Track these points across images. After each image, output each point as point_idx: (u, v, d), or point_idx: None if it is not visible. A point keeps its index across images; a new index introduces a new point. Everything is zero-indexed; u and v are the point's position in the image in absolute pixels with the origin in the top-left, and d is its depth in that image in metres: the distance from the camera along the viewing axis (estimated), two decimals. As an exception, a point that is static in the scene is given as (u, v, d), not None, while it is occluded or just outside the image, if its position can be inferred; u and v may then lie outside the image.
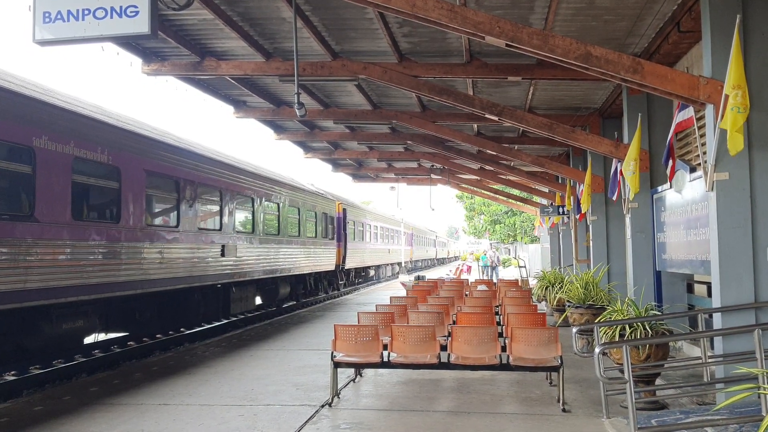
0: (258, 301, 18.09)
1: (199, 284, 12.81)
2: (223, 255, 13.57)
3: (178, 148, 12.17)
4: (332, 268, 24.11)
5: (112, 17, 6.60)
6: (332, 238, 23.85)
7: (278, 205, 17.38)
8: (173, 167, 11.81)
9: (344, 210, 25.80)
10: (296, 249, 18.95)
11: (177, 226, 11.86)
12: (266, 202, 16.45)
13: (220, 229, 13.61)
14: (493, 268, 34.74)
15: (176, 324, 13.81)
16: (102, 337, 12.32)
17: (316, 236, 21.28)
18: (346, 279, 28.06)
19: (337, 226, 24.70)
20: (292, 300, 20.78)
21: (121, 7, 6.59)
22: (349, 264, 26.85)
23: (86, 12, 6.63)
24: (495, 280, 22.88)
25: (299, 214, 19.37)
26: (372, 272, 35.53)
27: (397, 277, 39.86)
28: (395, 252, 41.24)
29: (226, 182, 14.00)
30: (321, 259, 22.13)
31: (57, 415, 6.84)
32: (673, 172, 8.50)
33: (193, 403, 7.30)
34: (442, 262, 76.97)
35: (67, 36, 6.72)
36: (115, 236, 9.95)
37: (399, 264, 44.04)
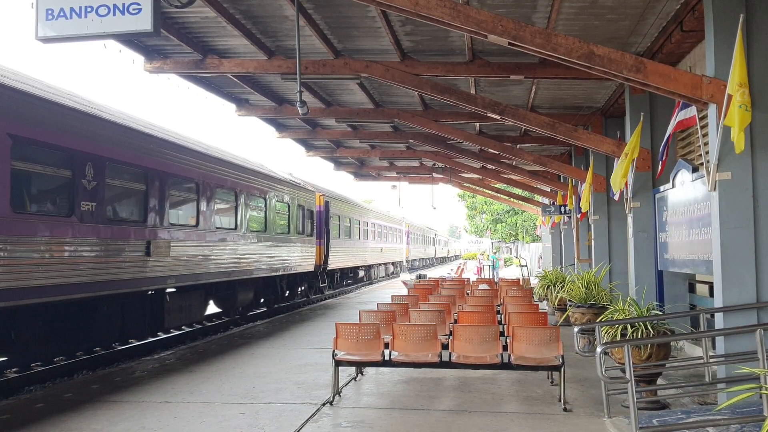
0: (211, 310, 15.53)
1: (110, 292, 10.02)
2: (148, 254, 10.89)
3: (73, 110, 9.26)
4: (311, 268, 21.28)
5: (114, 14, 6.59)
6: (311, 235, 21.06)
7: (236, 193, 14.70)
8: (67, 135, 8.99)
9: (326, 203, 22.82)
10: (261, 247, 16.21)
11: (71, 215, 9.05)
12: (218, 190, 13.76)
13: (145, 221, 10.91)
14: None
15: (79, 344, 10.78)
16: None
17: (289, 232, 18.58)
18: (330, 281, 25.07)
19: (317, 221, 21.87)
20: (260, 306, 18.49)
21: (123, 4, 6.58)
22: (333, 264, 23.87)
23: (89, 9, 6.62)
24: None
25: (266, 206, 16.66)
26: (362, 273, 32.32)
27: (394, 277, 39.01)
28: (389, 251, 37.88)
29: (155, 161, 11.24)
30: (296, 258, 19.26)
31: (58, 412, 6.85)
32: (664, 167, 8.59)
33: (195, 401, 7.31)
34: (442, 261, 76.86)
35: (70, 33, 6.71)
36: None
37: (394, 264, 41.42)
